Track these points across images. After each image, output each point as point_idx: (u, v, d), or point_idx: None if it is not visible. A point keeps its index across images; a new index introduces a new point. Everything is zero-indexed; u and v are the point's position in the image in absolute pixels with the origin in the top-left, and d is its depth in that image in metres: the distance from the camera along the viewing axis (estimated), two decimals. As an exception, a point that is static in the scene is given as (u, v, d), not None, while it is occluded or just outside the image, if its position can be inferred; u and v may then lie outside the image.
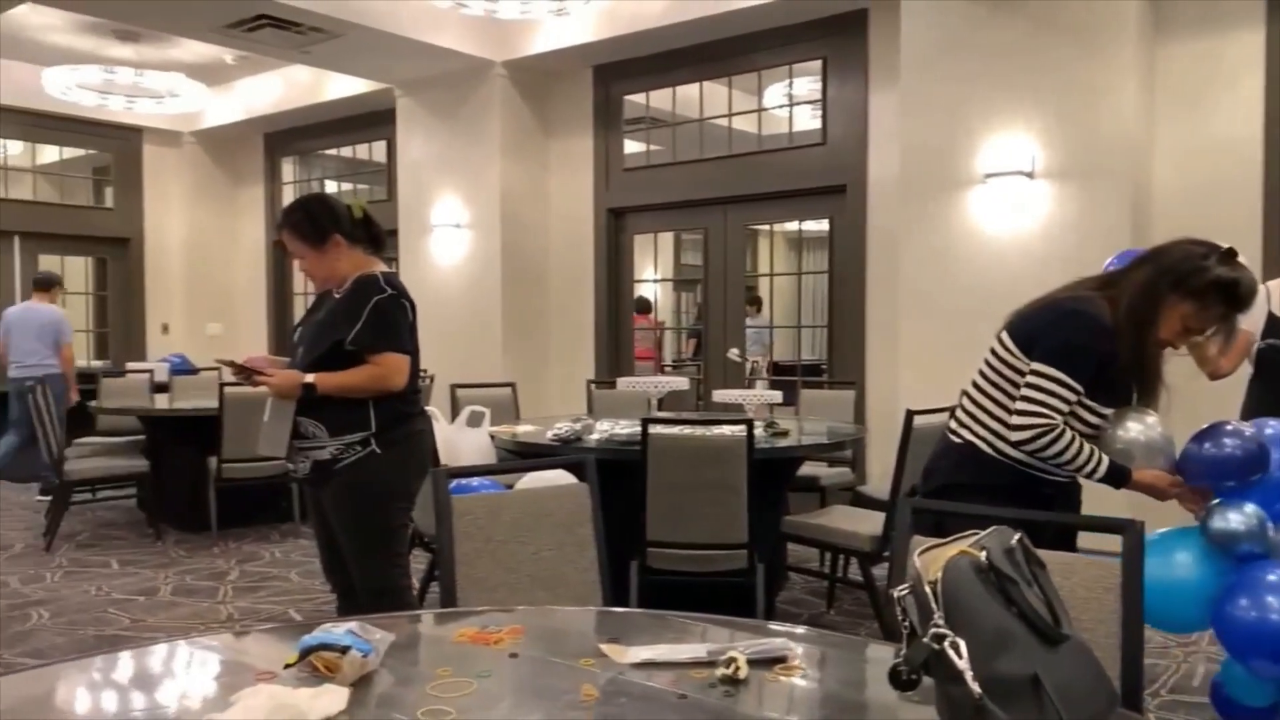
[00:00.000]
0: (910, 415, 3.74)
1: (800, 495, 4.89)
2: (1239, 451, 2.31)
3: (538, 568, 2.22)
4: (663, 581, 3.64)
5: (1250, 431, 2.38)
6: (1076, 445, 2.24)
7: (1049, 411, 2.22)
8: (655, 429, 3.60)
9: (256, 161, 9.95)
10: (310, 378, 2.81)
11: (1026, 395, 2.25)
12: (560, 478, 2.77)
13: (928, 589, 1.18)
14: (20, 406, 6.62)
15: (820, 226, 6.89)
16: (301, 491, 5.68)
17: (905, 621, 1.23)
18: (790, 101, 6.68)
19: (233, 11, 6.16)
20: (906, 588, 1.23)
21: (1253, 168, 4.85)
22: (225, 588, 4.90)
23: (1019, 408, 2.26)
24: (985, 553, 1.22)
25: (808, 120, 6.57)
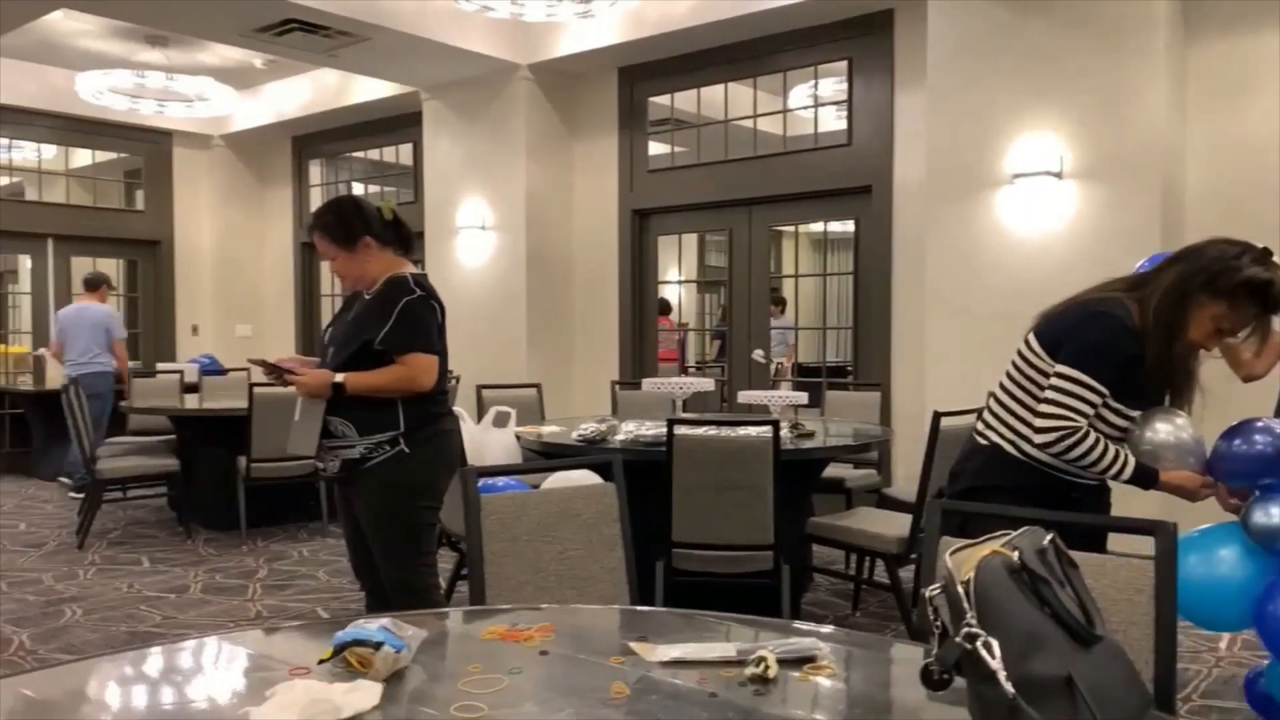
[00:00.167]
0: (938, 417, 3.72)
1: (826, 497, 4.88)
2: (1270, 448, 2.29)
3: (565, 567, 2.23)
4: (688, 582, 3.64)
5: (1280, 427, 2.35)
6: (1101, 447, 2.22)
7: (1072, 414, 2.21)
8: (681, 430, 3.59)
9: (284, 164, 10.04)
10: (340, 377, 2.84)
11: (1050, 398, 2.24)
12: (585, 478, 2.78)
13: (960, 589, 1.18)
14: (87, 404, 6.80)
15: (845, 227, 6.87)
16: (329, 491, 5.73)
17: (937, 621, 1.23)
18: (815, 102, 6.66)
19: (262, 15, 6.23)
20: (938, 587, 1.23)
21: (1286, 167, 4.79)
22: (254, 586, 4.95)
23: (1042, 410, 2.25)
24: (1018, 553, 1.22)
25: (833, 121, 6.54)
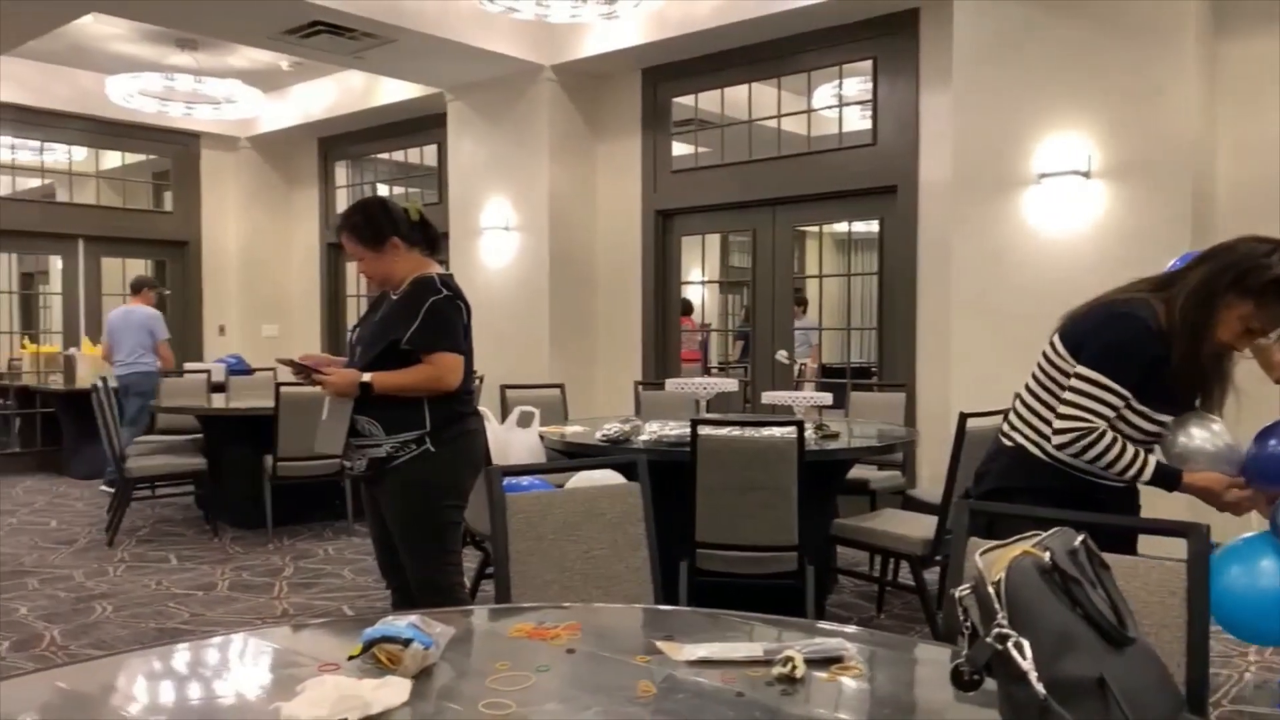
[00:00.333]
0: (964, 418, 3.70)
1: (850, 499, 4.85)
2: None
3: (590, 566, 2.24)
4: (712, 583, 3.64)
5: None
6: (1118, 448, 2.19)
7: (1090, 416, 2.18)
8: (705, 430, 3.59)
9: (311, 165, 10.12)
10: (367, 376, 2.87)
11: (1068, 399, 2.22)
12: (609, 478, 2.78)
13: (991, 589, 1.18)
14: (129, 403, 7.05)
15: (869, 227, 6.83)
16: (355, 490, 5.76)
17: (966, 622, 1.22)
18: (840, 102, 6.64)
19: (289, 18, 6.29)
20: (968, 588, 1.22)
21: (1319, 166, 4.73)
22: (280, 584, 4.99)
23: (1061, 411, 2.23)
24: (1049, 553, 1.21)
25: (857, 121, 6.51)
